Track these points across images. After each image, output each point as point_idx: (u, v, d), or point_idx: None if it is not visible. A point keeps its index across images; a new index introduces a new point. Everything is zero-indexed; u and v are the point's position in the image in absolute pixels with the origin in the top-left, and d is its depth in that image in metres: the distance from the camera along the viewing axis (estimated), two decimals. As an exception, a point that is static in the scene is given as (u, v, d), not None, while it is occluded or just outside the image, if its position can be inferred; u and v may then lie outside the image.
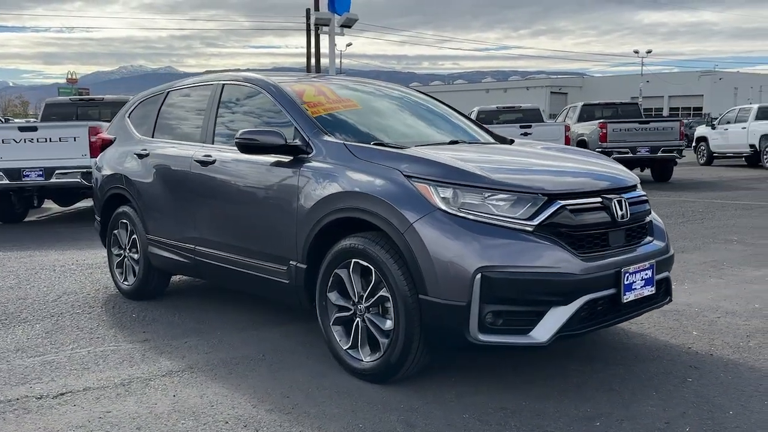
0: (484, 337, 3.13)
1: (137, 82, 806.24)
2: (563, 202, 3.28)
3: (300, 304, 3.98)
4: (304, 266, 3.82)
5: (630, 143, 15.16)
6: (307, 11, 31.87)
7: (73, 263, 6.91)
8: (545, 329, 3.15)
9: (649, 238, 3.73)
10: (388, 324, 3.37)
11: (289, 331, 4.42)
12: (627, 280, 3.35)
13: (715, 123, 22.37)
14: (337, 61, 41.03)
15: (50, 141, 9.59)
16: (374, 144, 3.82)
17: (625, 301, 3.36)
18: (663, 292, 3.71)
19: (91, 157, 9.65)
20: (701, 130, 22.80)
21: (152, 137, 5.25)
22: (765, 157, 19.27)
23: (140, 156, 5.16)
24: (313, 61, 31.96)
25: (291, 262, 3.90)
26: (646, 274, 3.48)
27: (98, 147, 9.78)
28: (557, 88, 70.08)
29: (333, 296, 3.67)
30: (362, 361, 3.52)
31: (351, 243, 3.51)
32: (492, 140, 4.71)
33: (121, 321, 4.78)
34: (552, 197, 3.28)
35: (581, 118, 17.60)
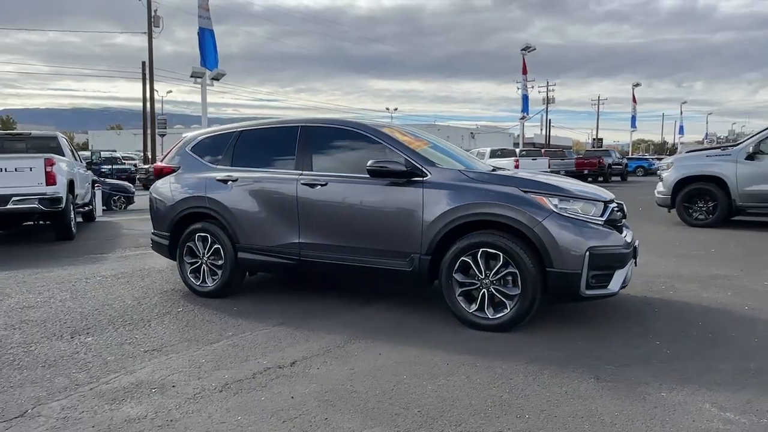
0: (588, 292, 3.88)
1: None
2: (611, 206, 4.15)
3: (416, 284, 4.32)
4: (428, 257, 4.19)
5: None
6: (143, 64, 29.67)
7: (93, 275, 6.19)
8: (615, 283, 3.98)
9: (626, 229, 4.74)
10: (515, 290, 3.94)
11: (371, 315, 4.54)
12: (636, 252, 4.32)
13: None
14: (158, 106, 38.39)
15: (5, 171, 8.25)
16: (465, 170, 4.34)
17: (636, 266, 4.32)
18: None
19: (46, 185, 8.51)
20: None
21: (231, 166, 5.11)
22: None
23: (225, 181, 5.02)
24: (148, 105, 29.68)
25: (413, 255, 4.24)
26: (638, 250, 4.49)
27: (53, 176, 8.75)
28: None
29: (459, 276, 4.11)
30: (489, 318, 4.02)
31: (480, 237, 4.01)
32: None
33: (234, 313, 4.62)
34: (605, 203, 4.13)
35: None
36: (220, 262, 5.06)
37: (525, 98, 35.35)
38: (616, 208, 4.27)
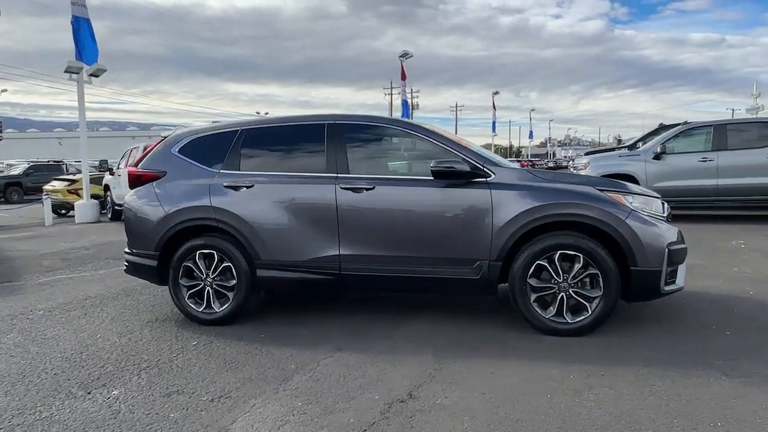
0: (666, 288, 3.88)
1: None
2: (666, 203, 4.21)
3: (483, 293, 4.03)
4: (498, 263, 3.91)
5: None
6: (-24, 57, 25.33)
7: (29, 310, 5.03)
8: (680, 278, 4.04)
9: None
10: (595, 292, 3.81)
11: (427, 329, 4.25)
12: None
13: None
14: (-9, 107, 33.19)
15: None
16: (531, 170, 4.14)
17: None
18: None
19: None
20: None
21: (239, 170, 4.39)
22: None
23: (236, 187, 4.30)
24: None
25: (480, 262, 3.94)
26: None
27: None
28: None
29: (533, 281, 3.89)
30: (569, 322, 3.85)
31: (558, 239, 3.82)
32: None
33: (269, 342, 3.96)
34: (660, 200, 4.18)
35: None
36: (231, 283, 4.32)
37: (405, 103, 36.34)
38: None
